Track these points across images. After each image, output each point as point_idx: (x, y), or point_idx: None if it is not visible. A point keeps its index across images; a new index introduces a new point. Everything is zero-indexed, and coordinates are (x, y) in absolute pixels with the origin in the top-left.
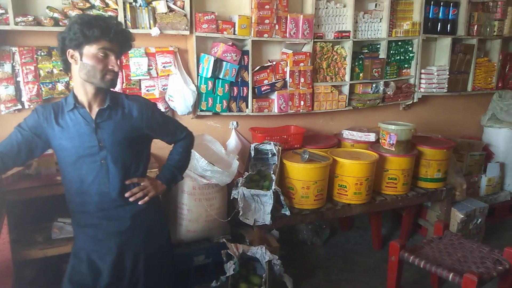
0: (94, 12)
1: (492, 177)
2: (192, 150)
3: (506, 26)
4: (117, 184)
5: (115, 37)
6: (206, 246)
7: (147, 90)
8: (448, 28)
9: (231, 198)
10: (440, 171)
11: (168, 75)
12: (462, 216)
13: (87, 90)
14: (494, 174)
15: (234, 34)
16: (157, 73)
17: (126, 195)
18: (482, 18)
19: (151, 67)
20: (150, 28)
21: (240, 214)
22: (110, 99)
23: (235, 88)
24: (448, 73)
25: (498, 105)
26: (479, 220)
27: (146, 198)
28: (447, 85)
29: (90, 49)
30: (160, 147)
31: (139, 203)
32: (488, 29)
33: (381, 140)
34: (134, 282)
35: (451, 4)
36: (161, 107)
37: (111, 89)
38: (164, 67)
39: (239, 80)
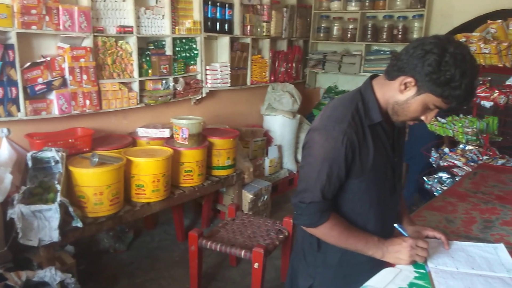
0: None
1: (273, 158)
2: None
3: (272, 28)
4: None
5: None
6: None
7: None
8: (226, 27)
9: (7, 219)
10: (230, 158)
11: None
12: (252, 196)
13: None
14: (274, 155)
15: None
16: None
17: None
18: (253, 20)
19: None
20: None
21: (20, 236)
22: None
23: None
24: (229, 69)
25: (272, 96)
26: (266, 197)
27: None
28: (230, 80)
29: None
30: None
31: None
32: (258, 29)
33: (175, 135)
34: None
35: (226, 5)
36: None
37: None
38: None
39: (4, 79)
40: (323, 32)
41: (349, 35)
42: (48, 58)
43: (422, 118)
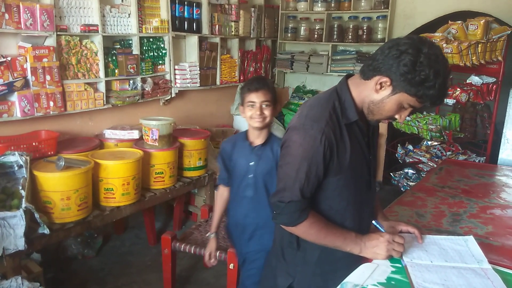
0: None
1: None
2: None
3: (241, 27)
4: None
5: None
6: None
7: None
8: (194, 26)
9: None
10: (201, 159)
11: None
12: None
13: None
14: None
15: None
16: None
17: None
18: (221, 19)
19: None
20: None
21: None
22: None
23: None
24: (199, 69)
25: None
26: None
27: None
28: (199, 80)
29: None
30: None
31: None
32: (227, 29)
33: (144, 137)
34: None
35: (194, 4)
36: None
37: None
38: None
39: None
40: (291, 32)
41: (316, 36)
42: (9, 58)
43: (396, 117)
